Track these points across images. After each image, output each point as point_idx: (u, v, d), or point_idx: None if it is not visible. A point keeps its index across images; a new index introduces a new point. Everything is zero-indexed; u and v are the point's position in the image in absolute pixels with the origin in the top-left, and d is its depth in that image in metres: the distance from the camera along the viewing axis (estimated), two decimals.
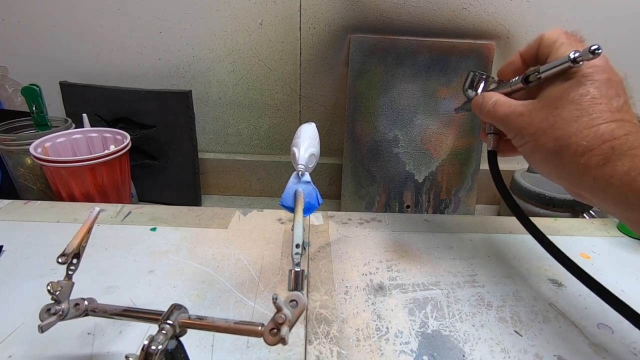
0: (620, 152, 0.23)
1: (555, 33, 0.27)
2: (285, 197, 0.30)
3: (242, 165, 0.71)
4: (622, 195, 0.23)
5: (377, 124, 0.61)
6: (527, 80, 0.28)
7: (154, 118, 0.64)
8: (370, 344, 0.27)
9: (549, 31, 0.28)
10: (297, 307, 0.19)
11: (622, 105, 0.24)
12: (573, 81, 0.25)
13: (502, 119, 0.29)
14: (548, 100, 0.26)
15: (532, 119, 0.27)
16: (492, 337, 0.28)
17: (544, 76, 0.26)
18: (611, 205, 0.24)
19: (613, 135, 0.23)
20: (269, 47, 0.62)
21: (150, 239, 0.38)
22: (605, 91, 0.24)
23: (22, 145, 0.52)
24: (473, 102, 0.33)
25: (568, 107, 0.25)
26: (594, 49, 0.23)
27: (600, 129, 0.24)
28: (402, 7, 0.58)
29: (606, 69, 0.25)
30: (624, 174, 0.22)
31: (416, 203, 0.64)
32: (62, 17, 0.61)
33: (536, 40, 0.29)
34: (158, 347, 0.18)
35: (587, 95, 0.24)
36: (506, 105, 0.29)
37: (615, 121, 0.24)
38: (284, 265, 0.35)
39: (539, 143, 0.26)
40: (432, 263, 0.36)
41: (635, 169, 0.22)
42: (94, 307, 0.23)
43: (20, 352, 0.25)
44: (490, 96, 0.31)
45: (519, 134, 0.28)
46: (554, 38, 0.27)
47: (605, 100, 0.24)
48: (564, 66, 0.25)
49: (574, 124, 0.24)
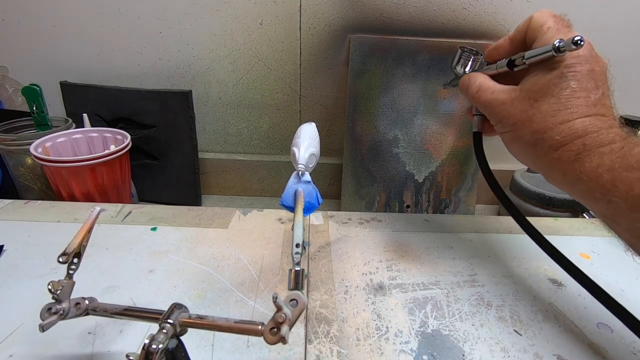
0: (590, 149, 0.24)
1: (543, 16, 0.27)
2: (285, 196, 0.30)
3: (242, 165, 0.71)
4: (588, 190, 0.24)
5: (377, 124, 0.61)
6: (514, 64, 0.28)
7: (154, 118, 0.64)
8: (370, 344, 0.27)
9: (537, 13, 0.28)
10: (297, 306, 0.19)
11: (600, 97, 0.25)
12: (555, 72, 0.25)
13: (485, 105, 0.30)
14: (529, 92, 0.26)
15: (514, 109, 0.27)
16: (491, 337, 0.28)
17: (529, 62, 0.27)
18: (578, 197, 0.26)
19: (586, 131, 0.24)
20: (269, 47, 0.62)
21: (150, 238, 0.38)
22: (585, 84, 0.25)
23: (22, 145, 0.52)
24: (460, 81, 0.33)
25: (547, 101, 0.25)
26: (577, 40, 0.23)
27: (575, 124, 0.24)
28: (402, 7, 0.58)
29: (589, 59, 0.25)
30: (591, 170, 0.23)
31: (416, 203, 0.64)
32: (62, 17, 0.61)
33: (524, 24, 0.29)
34: (159, 346, 0.18)
35: (567, 88, 0.25)
36: (489, 91, 0.29)
37: (590, 116, 0.24)
38: (284, 265, 0.35)
39: (518, 134, 0.27)
40: (432, 263, 0.36)
41: (602, 165, 0.23)
42: (94, 306, 0.23)
43: (21, 352, 0.25)
44: (476, 79, 0.31)
45: (500, 123, 0.29)
46: (541, 22, 0.27)
47: (584, 93, 0.25)
48: (547, 54, 0.25)
49: (551, 119, 0.25)
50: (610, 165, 0.23)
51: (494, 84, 0.30)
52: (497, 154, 0.48)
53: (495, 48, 0.32)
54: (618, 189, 0.22)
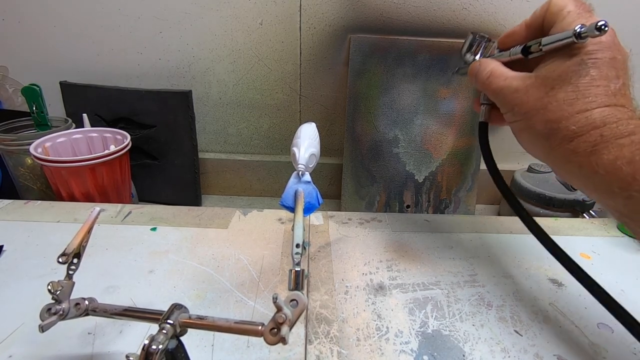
0: (608, 140, 0.22)
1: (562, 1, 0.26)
2: (285, 197, 0.30)
3: (242, 165, 0.71)
4: (606, 183, 0.23)
5: (377, 124, 0.61)
6: (529, 51, 0.27)
7: (154, 118, 0.64)
8: (370, 344, 0.27)
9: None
10: (298, 306, 0.19)
11: (620, 87, 0.24)
12: (575, 60, 0.24)
13: (496, 92, 0.28)
14: (545, 79, 0.25)
15: (528, 97, 0.26)
16: (492, 337, 0.28)
17: (545, 49, 0.25)
18: (594, 192, 0.24)
19: (604, 122, 0.23)
20: (269, 47, 0.62)
21: (150, 239, 0.38)
22: (606, 72, 0.24)
23: (22, 145, 0.52)
24: (470, 68, 0.32)
25: (565, 89, 0.24)
26: (601, 25, 0.22)
27: (593, 114, 0.23)
28: (402, 7, 0.58)
29: (612, 47, 0.24)
30: (609, 162, 0.22)
31: (416, 203, 0.64)
32: (62, 17, 0.61)
33: (542, 8, 0.27)
34: (158, 347, 0.18)
35: (587, 76, 0.23)
36: (501, 77, 0.28)
37: (609, 106, 0.23)
38: (284, 265, 0.35)
39: (530, 123, 0.26)
40: (432, 263, 0.36)
41: (621, 158, 0.22)
42: (94, 306, 0.23)
43: (20, 352, 0.25)
44: (487, 65, 0.29)
45: (512, 111, 0.27)
46: (561, 5, 0.26)
47: (604, 82, 0.23)
48: (567, 41, 0.23)
49: (567, 107, 0.24)
50: (630, 157, 0.21)
51: (507, 70, 0.28)
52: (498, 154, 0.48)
53: (509, 35, 0.30)
54: (638, 182, 0.21)
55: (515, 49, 0.28)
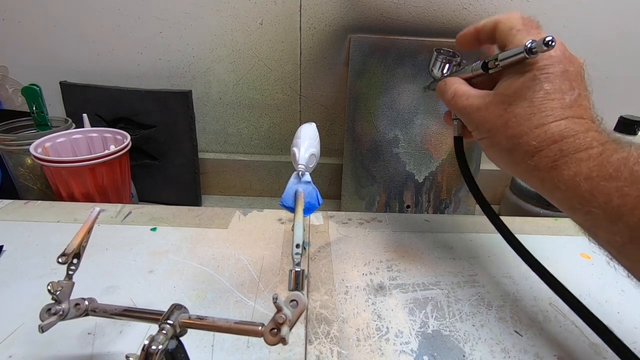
0: (567, 155, 0.23)
1: (510, 20, 0.27)
2: (285, 197, 0.30)
3: (242, 165, 0.71)
4: (567, 199, 0.23)
5: (377, 124, 0.61)
6: (487, 66, 0.28)
7: (154, 118, 0.64)
8: (370, 344, 0.27)
9: (505, 15, 0.28)
10: (298, 307, 0.19)
11: (576, 98, 0.24)
12: (528, 75, 0.25)
13: (461, 111, 0.29)
14: (503, 96, 0.26)
15: (489, 114, 0.26)
16: (492, 337, 0.28)
17: (502, 64, 0.26)
18: (558, 206, 0.25)
19: (562, 135, 0.23)
20: (269, 47, 0.62)
21: (150, 239, 0.38)
22: (559, 85, 0.24)
23: (22, 145, 0.52)
24: (437, 87, 0.33)
25: (521, 104, 0.25)
26: (548, 41, 0.22)
27: (551, 127, 0.23)
28: (402, 7, 0.58)
29: (562, 60, 0.24)
30: (569, 178, 0.23)
31: (416, 203, 0.64)
32: (62, 17, 0.61)
33: (492, 23, 0.28)
34: (158, 347, 0.18)
35: (541, 91, 0.24)
36: (464, 97, 0.29)
37: (566, 118, 0.23)
38: (284, 265, 0.35)
39: (494, 140, 0.27)
40: (432, 263, 0.36)
41: (580, 174, 0.22)
42: (94, 307, 0.23)
43: (20, 352, 0.25)
44: (451, 84, 0.30)
45: (477, 129, 0.28)
46: (509, 25, 0.27)
47: (559, 95, 0.24)
48: (519, 56, 0.24)
49: (525, 123, 0.24)
50: (588, 173, 0.22)
51: (469, 89, 0.29)
52: None
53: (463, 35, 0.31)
54: (596, 199, 0.21)
55: (476, 64, 0.29)
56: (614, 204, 0.21)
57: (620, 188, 0.20)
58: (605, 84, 0.63)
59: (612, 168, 0.21)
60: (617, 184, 0.21)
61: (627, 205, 0.20)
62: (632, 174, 0.20)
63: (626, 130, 0.47)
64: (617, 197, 0.20)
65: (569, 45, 0.26)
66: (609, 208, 0.21)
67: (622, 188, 0.20)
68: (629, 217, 0.20)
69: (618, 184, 0.21)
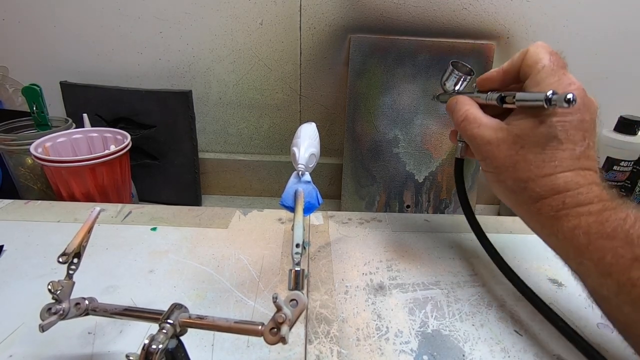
0: (569, 207, 0.24)
1: (539, 52, 0.26)
2: (285, 196, 0.30)
3: (242, 165, 0.71)
4: (563, 247, 0.25)
5: (377, 124, 0.61)
6: (503, 101, 0.27)
7: (154, 118, 0.64)
8: (370, 344, 0.27)
9: (533, 47, 0.27)
10: (297, 306, 0.19)
11: (585, 150, 0.24)
12: (545, 122, 0.24)
13: (469, 139, 0.29)
14: (516, 137, 0.26)
15: (499, 151, 0.27)
16: (492, 337, 0.28)
17: (518, 105, 0.26)
18: (552, 248, 0.26)
19: (567, 188, 0.24)
20: (269, 47, 0.62)
21: (150, 238, 0.38)
22: (573, 135, 0.24)
23: (22, 145, 0.52)
24: (447, 104, 0.32)
25: (533, 150, 0.25)
26: (569, 99, 0.22)
27: (558, 178, 0.24)
28: (402, 7, 0.58)
29: (581, 108, 0.24)
30: (568, 230, 0.24)
31: (416, 203, 0.64)
32: (62, 17, 0.61)
33: (520, 56, 0.28)
34: (159, 347, 0.18)
35: (554, 140, 0.24)
36: (475, 124, 0.28)
37: (572, 170, 0.24)
38: (284, 265, 0.35)
39: (500, 177, 0.27)
40: (432, 263, 0.36)
41: (579, 227, 0.23)
42: (94, 306, 0.23)
43: (21, 352, 0.25)
44: (462, 105, 0.30)
45: (484, 161, 0.28)
46: (536, 58, 0.26)
47: (570, 145, 0.24)
48: (538, 103, 0.24)
49: (535, 169, 0.25)
50: (586, 228, 0.23)
51: (480, 116, 0.29)
52: None
53: (486, 79, 0.30)
54: (591, 254, 0.22)
55: (492, 94, 0.28)
56: (607, 261, 0.22)
57: (615, 248, 0.22)
58: (605, 84, 0.63)
59: (610, 228, 0.22)
60: (613, 244, 0.22)
61: (619, 264, 0.21)
62: (628, 236, 0.21)
63: (626, 130, 0.48)
64: (611, 256, 0.22)
65: (569, 45, 0.25)
66: (602, 264, 0.22)
67: (616, 248, 0.22)
68: (619, 276, 0.21)
69: (614, 244, 0.22)
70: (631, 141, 0.47)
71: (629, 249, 0.21)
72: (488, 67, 0.60)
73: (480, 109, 0.29)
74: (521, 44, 0.61)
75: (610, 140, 0.48)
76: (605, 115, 0.25)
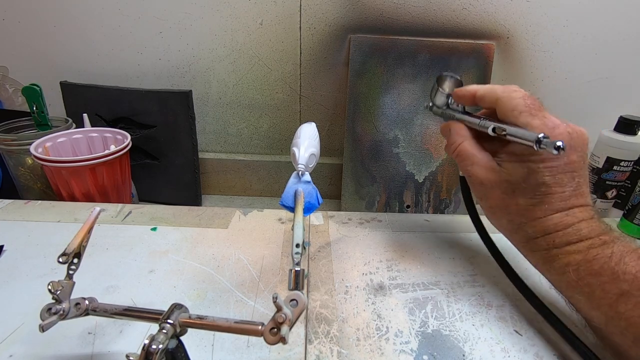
0: (560, 246, 0.25)
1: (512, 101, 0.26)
2: (285, 196, 0.30)
3: (242, 165, 0.71)
4: (556, 280, 0.27)
5: (377, 124, 0.61)
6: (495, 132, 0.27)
7: (154, 118, 0.64)
8: (370, 344, 0.27)
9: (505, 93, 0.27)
10: (297, 306, 0.19)
11: (575, 188, 0.25)
12: (534, 168, 0.25)
13: (463, 172, 0.31)
14: (508, 182, 0.27)
15: (492, 195, 0.28)
16: (492, 337, 0.28)
17: (509, 139, 0.26)
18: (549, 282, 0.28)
19: (556, 228, 0.25)
20: (269, 47, 0.62)
21: (150, 238, 0.38)
22: (561, 179, 0.25)
23: (22, 145, 0.52)
24: (441, 127, 0.33)
25: (524, 195, 0.26)
26: (559, 146, 0.22)
27: (547, 220, 0.26)
28: (402, 7, 0.58)
29: (567, 151, 0.24)
30: (559, 267, 0.25)
31: (416, 203, 0.64)
32: (62, 17, 0.61)
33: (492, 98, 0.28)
34: (159, 347, 0.18)
35: (542, 186, 0.25)
36: (468, 162, 0.29)
37: (561, 211, 0.25)
38: (284, 265, 0.35)
39: (495, 216, 0.29)
40: (432, 263, 0.36)
41: (569, 265, 0.25)
42: (94, 306, 0.23)
43: (21, 352, 0.25)
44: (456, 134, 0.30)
45: (479, 200, 0.30)
46: (510, 106, 0.26)
47: (559, 189, 0.25)
48: (528, 143, 0.24)
49: (525, 213, 0.26)
50: (576, 266, 0.24)
51: (474, 153, 0.29)
52: None
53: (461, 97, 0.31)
54: (582, 288, 0.24)
55: (485, 122, 0.28)
56: (596, 295, 0.24)
57: (602, 284, 0.23)
58: (605, 84, 0.63)
59: (597, 265, 0.24)
60: (600, 280, 0.23)
61: (606, 299, 0.23)
62: (614, 272, 0.23)
63: (626, 130, 0.47)
64: (599, 291, 0.23)
65: (569, 45, 0.25)
66: (591, 298, 0.24)
67: (604, 284, 0.23)
68: (607, 309, 0.23)
69: (601, 280, 0.23)
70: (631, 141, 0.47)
71: (615, 284, 0.23)
72: (488, 67, 0.60)
73: (473, 138, 0.30)
74: (521, 44, 0.61)
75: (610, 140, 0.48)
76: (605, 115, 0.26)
